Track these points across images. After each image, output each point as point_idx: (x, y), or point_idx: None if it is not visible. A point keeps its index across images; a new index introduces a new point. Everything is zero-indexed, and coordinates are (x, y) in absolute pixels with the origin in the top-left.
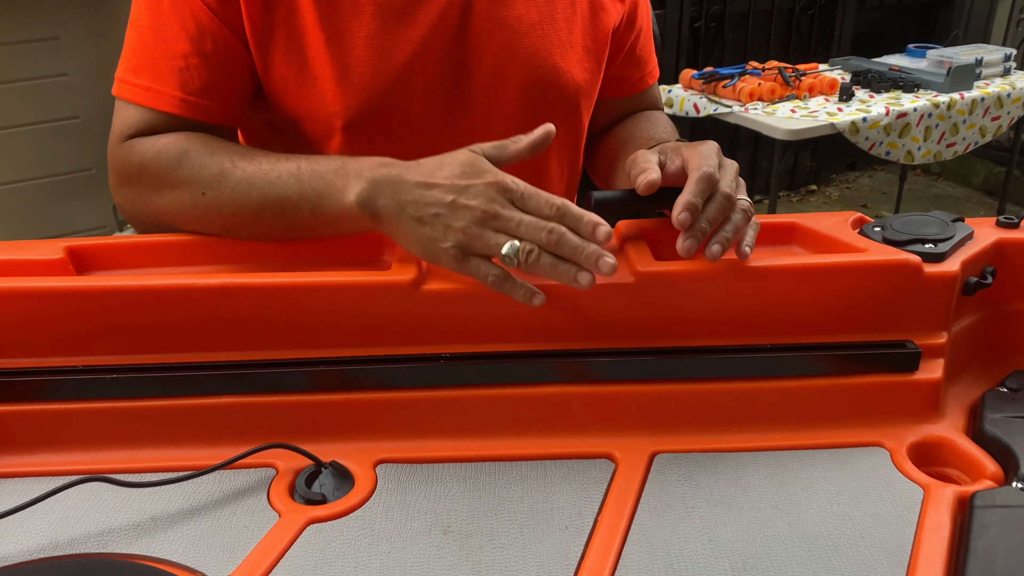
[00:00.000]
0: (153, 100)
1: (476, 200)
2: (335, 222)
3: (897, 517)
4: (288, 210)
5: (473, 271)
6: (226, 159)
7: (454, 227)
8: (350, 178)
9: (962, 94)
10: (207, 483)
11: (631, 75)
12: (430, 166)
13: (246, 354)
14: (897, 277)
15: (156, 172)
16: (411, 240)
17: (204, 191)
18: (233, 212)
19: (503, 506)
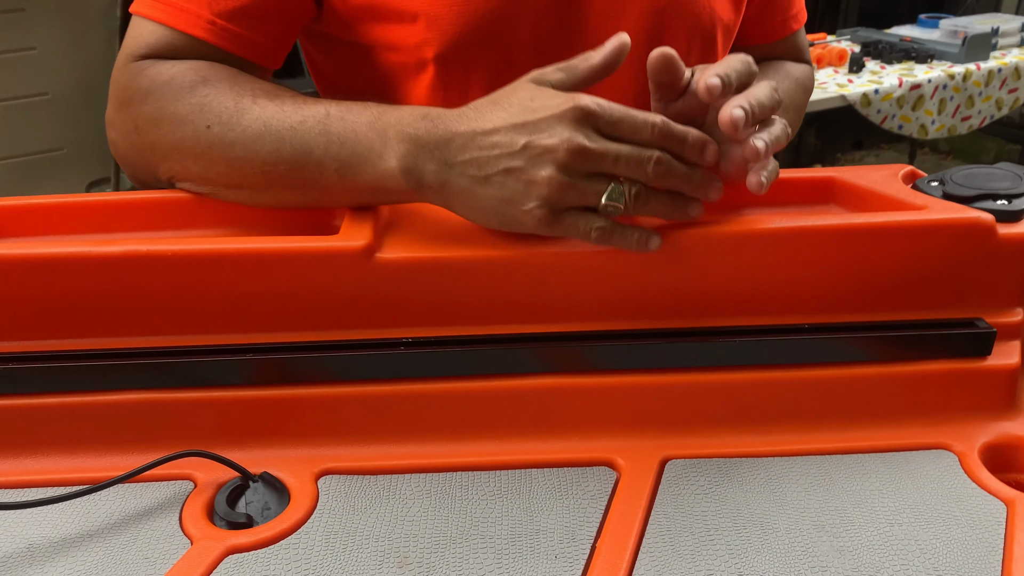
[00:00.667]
0: (175, 19)
1: (555, 137)
2: (369, 190)
3: (977, 541)
4: (309, 166)
5: (571, 230)
6: (248, 93)
7: (535, 180)
8: (388, 135)
9: (978, 65)
10: (104, 502)
11: (772, 18)
12: (482, 108)
13: (155, 340)
14: (965, 240)
15: (162, 97)
16: (480, 209)
17: (210, 124)
18: (240, 157)
19: (476, 529)
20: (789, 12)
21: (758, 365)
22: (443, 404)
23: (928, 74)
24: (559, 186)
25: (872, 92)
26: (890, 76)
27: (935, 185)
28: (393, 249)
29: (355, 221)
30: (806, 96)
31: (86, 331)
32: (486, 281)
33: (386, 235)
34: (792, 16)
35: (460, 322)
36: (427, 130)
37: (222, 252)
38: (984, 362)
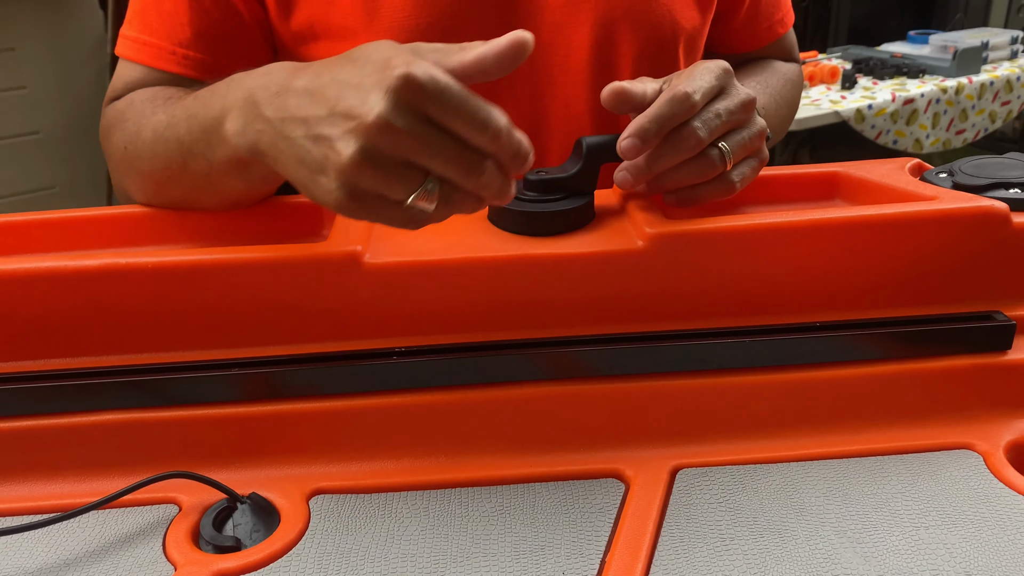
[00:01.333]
0: (142, 54)
1: (365, 105)
2: (231, 168)
3: (1008, 542)
4: (187, 158)
5: (378, 219)
6: (151, 105)
7: (335, 153)
8: (230, 97)
9: (970, 78)
10: (82, 529)
11: (758, 25)
12: (327, 63)
13: (136, 357)
14: (979, 229)
15: (113, 129)
16: (292, 178)
17: (126, 145)
18: (148, 169)
19: (478, 548)
20: (775, 17)
21: (769, 367)
22: (440, 416)
23: (921, 88)
24: (358, 168)
25: (866, 108)
26: (883, 91)
27: (944, 176)
28: (383, 254)
29: (344, 227)
30: (797, 91)
31: (62, 350)
32: (482, 285)
33: (376, 240)
34: (778, 20)
35: (456, 329)
36: (262, 85)
37: (204, 263)
38: (1004, 356)
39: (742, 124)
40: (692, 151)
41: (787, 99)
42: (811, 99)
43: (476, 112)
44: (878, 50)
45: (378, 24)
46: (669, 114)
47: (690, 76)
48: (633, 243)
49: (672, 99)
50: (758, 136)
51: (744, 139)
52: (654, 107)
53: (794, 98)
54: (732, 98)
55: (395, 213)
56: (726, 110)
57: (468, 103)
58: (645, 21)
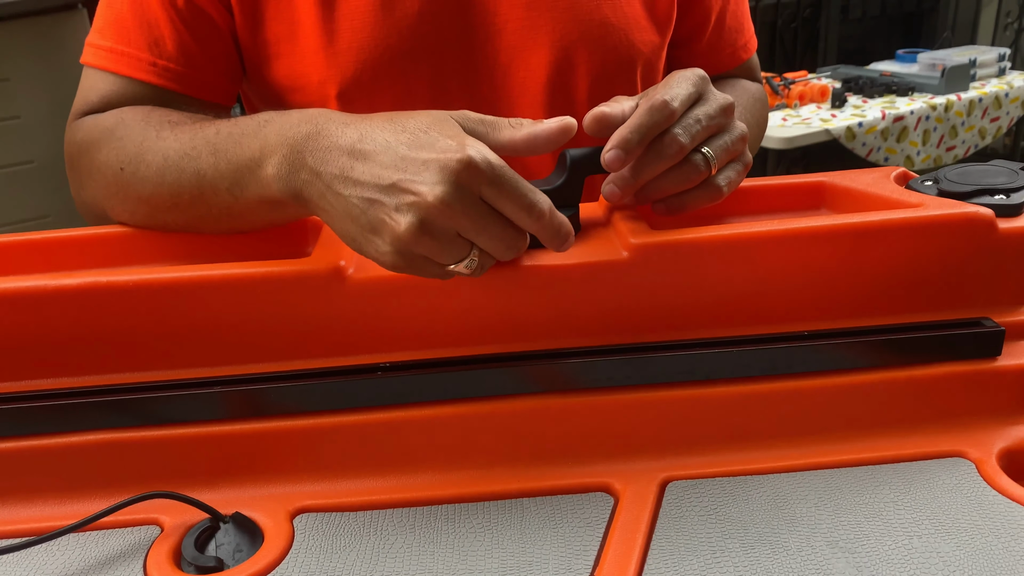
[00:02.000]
0: (118, 64)
1: (427, 186)
2: (262, 206)
3: (1004, 551)
4: (206, 191)
5: (424, 275)
6: (153, 128)
7: (393, 222)
8: (269, 141)
9: (959, 95)
10: (61, 552)
11: (720, 51)
12: (375, 123)
13: (116, 376)
14: (965, 236)
15: (91, 147)
16: (337, 228)
17: (123, 166)
18: (152, 193)
19: (464, 564)
20: (738, 43)
21: (758, 377)
22: (426, 432)
23: (910, 106)
24: (414, 238)
25: (856, 125)
26: (873, 109)
27: (929, 184)
28: (367, 269)
29: (327, 242)
30: (765, 110)
31: (41, 370)
32: (467, 299)
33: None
34: (741, 46)
35: (441, 343)
36: (307, 135)
37: (186, 280)
38: (995, 363)
39: (723, 128)
40: (676, 158)
41: (757, 118)
42: (802, 118)
43: (524, 196)
44: (867, 69)
45: (337, 44)
46: (649, 123)
47: (667, 85)
48: (618, 254)
49: (651, 108)
50: (740, 140)
51: (727, 143)
52: (634, 117)
53: (763, 116)
54: (711, 104)
55: (437, 271)
56: (706, 115)
57: (519, 188)
58: (602, 44)
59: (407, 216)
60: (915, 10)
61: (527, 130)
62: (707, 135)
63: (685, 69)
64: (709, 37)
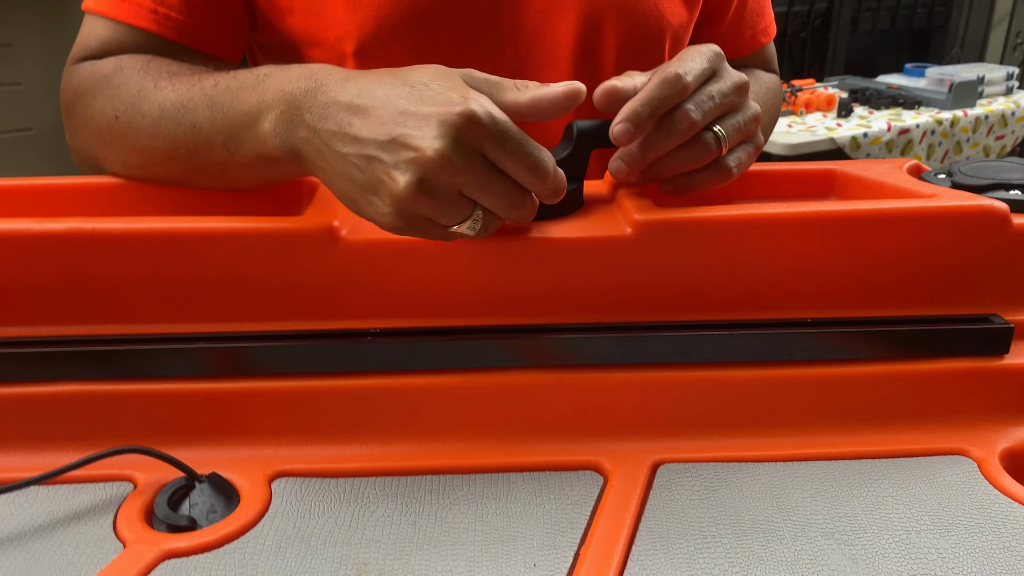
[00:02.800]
0: (118, 10)
1: (426, 140)
2: (258, 162)
3: (1003, 549)
4: (201, 145)
5: (426, 236)
6: (152, 77)
7: (392, 180)
8: (267, 96)
9: (965, 111)
10: (29, 503)
11: (741, 33)
12: (375, 79)
13: (96, 327)
14: (978, 229)
15: (87, 94)
16: (335, 188)
17: (118, 114)
18: (146, 145)
19: (447, 536)
20: (758, 26)
21: (757, 362)
22: (413, 401)
23: (916, 119)
24: (414, 197)
25: (861, 136)
26: (879, 120)
27: (943, 177)
28: (361, 231)
29: (322, 201)
30: (777, 101)
31: (19, 317)
32: (464, 268)
33: (355, 217)
34: (761, 30)
35: (435, 312)
36: (306, 90)
37: (174, 231)
38: (1001, 361)
39: (736, 107)
40: (686, 135)
41: (769, 107)
42: (807, 125)
43: (529, 153)
44: (875, 81)
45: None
46: (661, 96)
47: (681, 59)
48: (621, 230)
49: (663, 81)
50: (752, 120)
51: (739, 123)
52: (645, 90)
53: (775, 107)
54: (725, 81)
55: (439, 233)
56: (719, 92)
57: (523, 144)
58: (631, 13)
59: (406, 174)
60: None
61: (532, 92)
62: (719, 113)
63: (700, 45)
64: (731, 18)
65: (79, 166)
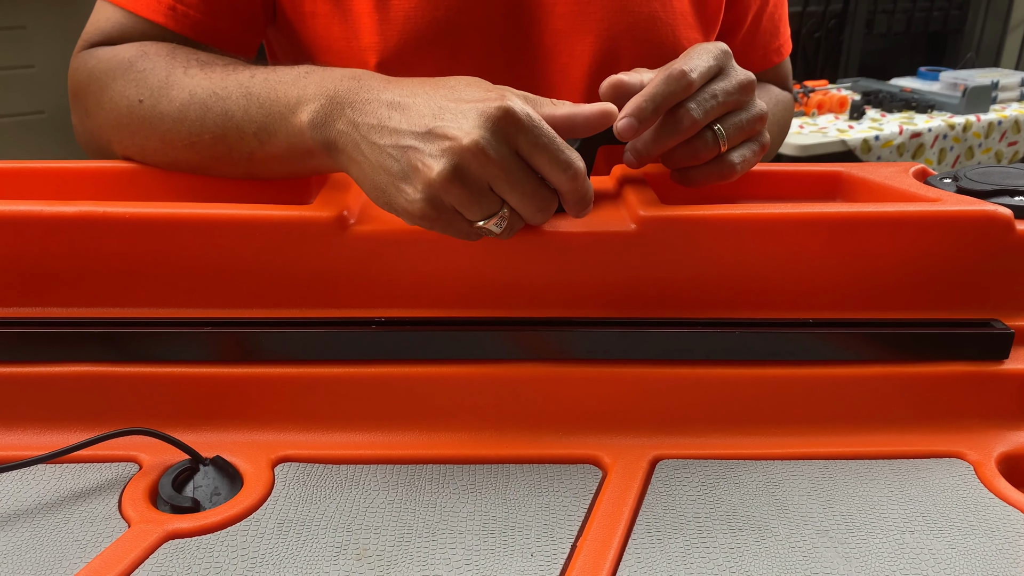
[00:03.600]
0: (136, 4)
1: (462, 131)
2: (288, 154)
3: (996, 552)
4: (230, 133)
5: (449, 231)
6: (180, 64)
7: (426, 168)
8: (308, 91)
9: (978, 116)
10: (37, 481)
11: (754, 51)
12: (418, 83)
13: (107, 310)
14: (981, 235)
15: (105, 76)
16: (368, 179)
17: (142, 98)
18: (169, 129)
19: (445, 524)
20: (771, 46)
21: (758, 361)
22: (415, 390)
23: (929, 123)
24: (446, 184)
25: (873, 138)
26: (891, 124)
27: (948, 182)
28: (369, 222)
29: (331, 191)
30: (788, 115)
31: (30, 298)
32: (469, 260)
33: (363, 206)
34: (775, 49)
35: (439, 303)
36: (349, 88)
37: (184, 217)
38: (1001, 366)
39: (740, 106)
40: (687, 132)
41: (778, 119)
42: (818, 127)
43: (561, 152)
44: (888, 84)
45: (387, 11)
46: (665, 92)
47: (688, 56)
48: (626, 225)
49: (668, 77)
50: (757, 119)
51: (742, 121)
52: (650, 86)
53: (786, 120)
54: (730, 79)
55: (464, 228)
56: (723, 91)
57: (556, 143)
58: (648, 38)
59: (441, 161)
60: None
61: (567, 109)
62: (723, 111)
63: (708, 42)
64: (744, 36)
65: (85, 149)
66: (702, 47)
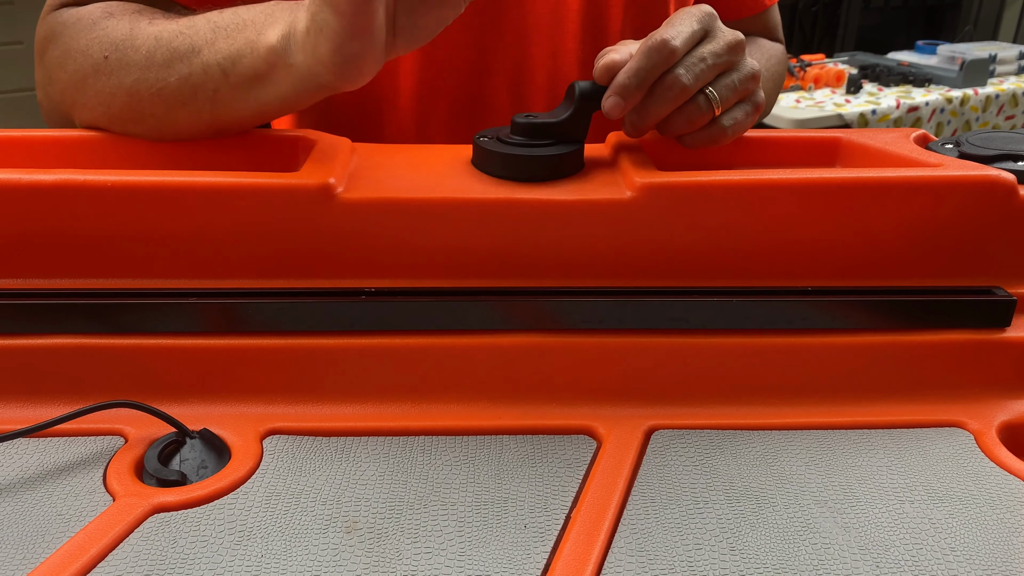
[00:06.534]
0: None
1: None
2: (251, 82)
3: (997, 521)
4: (196, 70)
5: None
6: (146, 18)
7: None
8: (278, 12)
9: (976, 90)
10: (18, 455)
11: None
12: None
13: (91, 281)
14: (983, 200)
15: (68, 38)
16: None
17: (107, 54)
18: (136, 80)
19: (436, 495)
20: None
21: (755, 330)
22: (406, 361)
23: (926, 97)
24: None
25: (870, 112)
26: (888, 98)
27: (950, 147)
28: (358, 189)
29: (318, 159)
30: (782, 67)
31: (9, 270)
32: (461, 229)
33: (352, 175)
34: None
35: (430, 272)
36: None
37: (167, 184)
38: (1003, 334)
39: (731, 67)
40: (678, 100)
41: (772, 74)
42: (815, 101)
43: None
44: (885, 58)
45: None
46: (648, 66)
47: (669, 23)
48: (622, 193)
49: (649, 49)
50: (750, 78)
51: (734, 82)
52: (633, 60)
53: (779, 74)
54: (718, 41)
55: None
56: (711, 53)
57: None
58: None
59: None
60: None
61: None
62: (714, 74)
63: (692, 6)
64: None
65: (47, 120)
66: (685, 11)
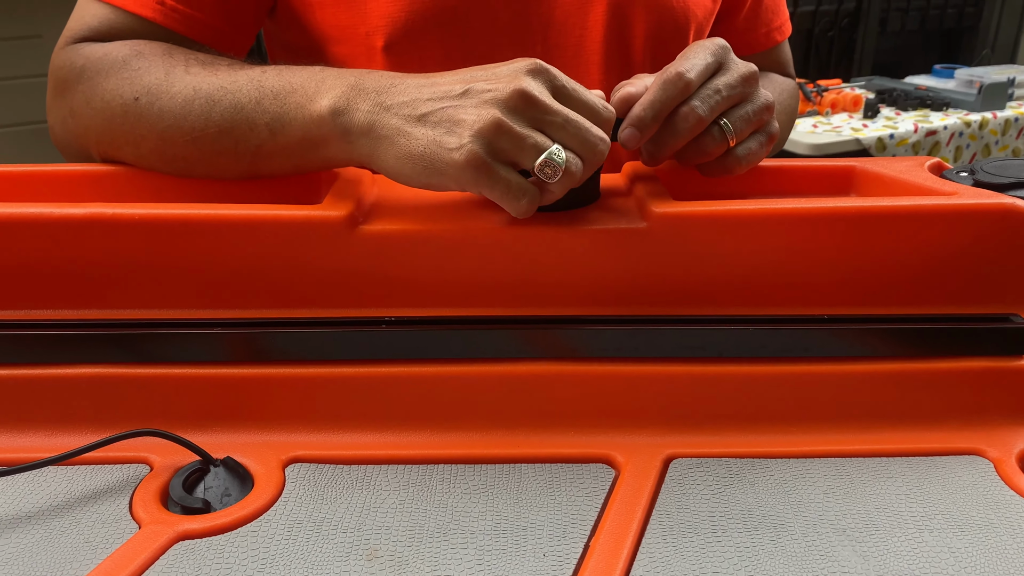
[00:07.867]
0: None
1: (502, 81)
2: (301, 145)
3: (1018, 550)
4: (240, 126)
5: (500, 185)
6: (181, 63)
7: (472, 117)
8: (327, 81)
9: (995, 114)
10: (47, 483)
11: (756, 29)
12: (440, 73)
13: (118, 312)
14: (999, 228)
15: (96, 74)
16: (406, 154)
17: (138, 96)
18: (169, 126)
19: (457, 524)
20: (773, 24)
21: (773, 358)
22: (426, 390)
23: (944, 121)
24: (497, 125)
25: (887, 137)
26: (905, 122)
27: (964, 175)
28: (379, 221)
29: (340, 191)
30: (794, 102)
31: (41, 300)
32: (479, 258)
33: (372, 206)
34: (776, 28)
35: (450, 302)
36: (371, 76)
37: (193, 218)
38: (1020, 361)
39: (745, 98)
40: (693, 132)
41: (784, 107)
42: (832, 126)
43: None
44: (902, 82)
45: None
46: (663, 98)
47: (684, 56)
48: (638, 222)
49: (665, 82)
50: (764, 109)
51: (748, 113)
52: (648, 93)
53: (791, 108)
54: (731, 73)
55: (515, 181)
56: (726, 85)
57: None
58: (658, 4)
59: (487, 108)
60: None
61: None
62: (727, 106)
63: (706, 39)
64: (747, 13)
65: (62, 150)
66: (699, 45)
